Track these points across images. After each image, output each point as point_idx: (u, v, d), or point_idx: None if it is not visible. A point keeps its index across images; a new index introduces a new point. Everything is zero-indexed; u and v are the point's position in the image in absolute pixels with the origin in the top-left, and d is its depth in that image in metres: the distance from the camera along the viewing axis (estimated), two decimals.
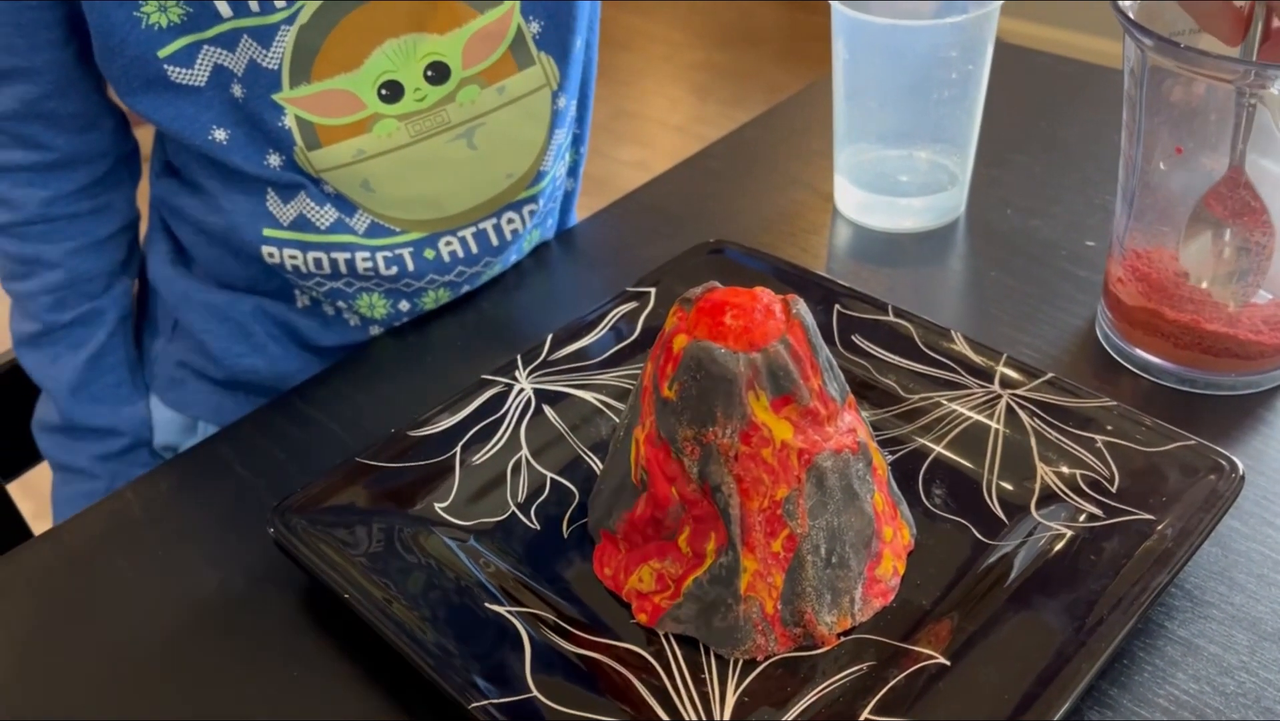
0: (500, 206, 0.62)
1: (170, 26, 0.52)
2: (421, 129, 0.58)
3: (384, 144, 0.58)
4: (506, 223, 0.62)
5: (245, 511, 0.48)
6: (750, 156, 0.72)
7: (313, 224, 0.59)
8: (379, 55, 0.56)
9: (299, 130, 0.56)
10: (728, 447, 0.38)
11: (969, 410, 0.49)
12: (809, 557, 0.39)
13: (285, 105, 0.56)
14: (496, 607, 0.41)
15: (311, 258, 0.60)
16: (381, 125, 0.57)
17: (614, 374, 0.52)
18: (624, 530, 0.42)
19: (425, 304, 0.63)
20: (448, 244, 0.61)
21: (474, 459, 0.48)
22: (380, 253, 0.60)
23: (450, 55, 0.57)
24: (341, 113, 0.56)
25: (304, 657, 0.42)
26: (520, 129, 0.60)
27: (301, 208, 0.59)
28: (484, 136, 0.59)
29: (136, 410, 0.66)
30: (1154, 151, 0.50)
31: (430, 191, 0.60)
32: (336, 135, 0.57)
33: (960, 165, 0.64)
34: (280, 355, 0.65)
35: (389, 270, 0.61)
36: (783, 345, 0.38)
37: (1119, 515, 0.43)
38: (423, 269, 0.61)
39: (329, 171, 0.58)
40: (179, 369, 0.68)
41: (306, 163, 0.57)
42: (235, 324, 0.64)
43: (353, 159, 0.57)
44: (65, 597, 0.46)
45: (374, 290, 0.61)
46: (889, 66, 0.60)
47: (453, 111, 0.58)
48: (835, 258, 0.63)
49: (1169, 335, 0.51)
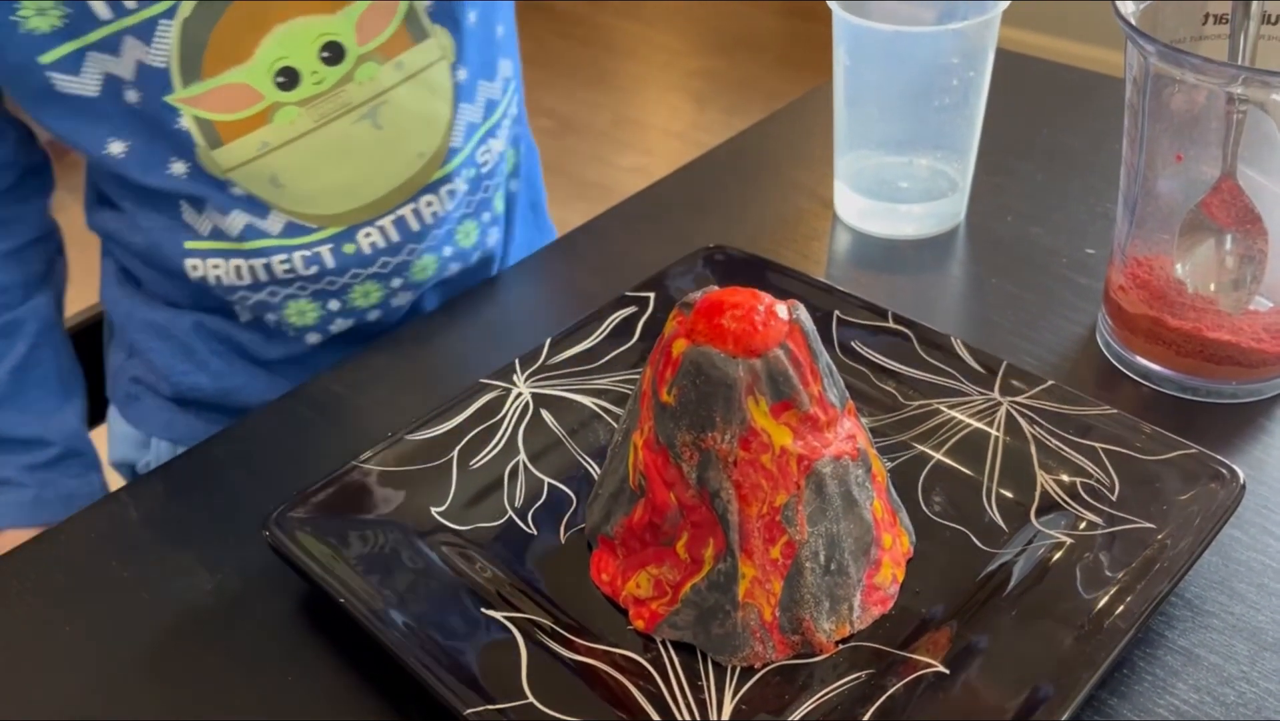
0: (416, 190, 0.61)
1: (53, 31, 0.52)
2: (323, 112, 0.57)
3: (287, 133, 0.57)
4: (425, 205, 0.61)
5: (241, 515, 0.48)
6: (751, 162, 0.72)
7: (225, 233, 0.58)
8: (270, 42, 0.55)
9: (199, 130, 0.55)
10: (726, 453, 0.38)
11: (968, 417, 0.48)
12: (808, 564, 0.39)
13: (181, 106, 0.55)
14: (492, 613, 0.41)
15: (233, 266, 0.59)
16: (282, 114, 0.56)
17: (613, 378, 0.52)
18: (621, 535, 0.42)
19: (355, 300, 0.62)
20: (367, 235, 0.60)
21: (471, 463, 0.48)
22: (298, 252, 0.59)
23: (343, 33, 0.56)
24: (239, 107, 0.55)
25: (299, 662, 0.42)
26: (423, 104, 0.59)
27: (213, 220, 0.58)
28: (388, 115, 0.58)
29: (66, 420, 0.65)
30: (1155, 159, 0.50)
31: (342, 179, 0.59)
32: (237, 130, 0.56)
33: (961, 172, 0.63)
34: (224, 371, 0.65)
35: (308, 270, 0.60)
36: (783, 351, 0.38)
37: (1119, 523, 0.42)
38: (344, 264, 0.60)
39: (235, 170, 0.57)
40: (133, 384, 0.67)
41: (211, 163, 0.56)
42: (178, 341, 0.64)
43: (258, 153, 0.56)
44: (60, 600, 0.46)
45: (299, 295, 0.61)
46: (890, 73, 0.59)
47: (353, 91, 0.57)
48: (835, 264, 0.63)
49: (1170, 343, 0.51)
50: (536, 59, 2.86)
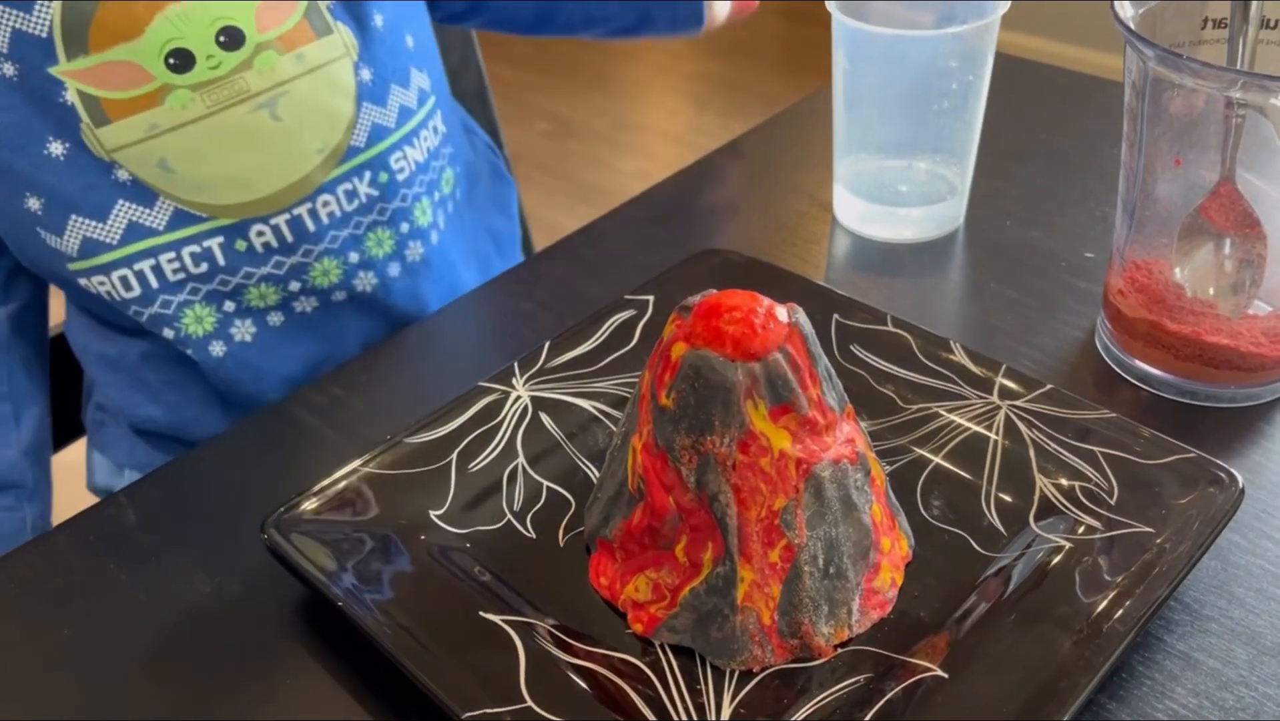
0: (313, 189, 0.59)
1: None
2: (218, 99, 0.55)
3: (179, 117, 0.55)
4: (322, 206, 0.59)
5: (240, 517, 0.48)
6: (750, 166, 0.72)
7: (102, 242, 0.56)
8: (162, 22, 0.53)
9: (83, 105, 0.53)
10: (725, 457, 0.38)
11: (968, 421, 0.48)
12: (806, 568, 0.39)
13: (64, 79, 0.53)
14: (491, 616, 0.41)
15: (117, 277, 0.57)
16: (174, 96, 0.54)
17: (612, 381, 0.52)
18: (620, 539, 0.42)
19: (251, 301, 0.60)
20: (260, 233, 0.58)
21: (470, 466, 0.48)
22: (186, 247, 0.57)
23: (243, 20, 0.55)
24: (127, 85, 0.53)
25: (298, 665, 0.42)
26: (325, 99, 0.58)
27: (84, 230, 0.56)
28: (287, 107, 0.57)
29: (6, 454, 0.61)
30: (1154, 163, 0.50)
31: (236, 169, 0.57)
32: (125, 109, 0.54)
33: (960, 176, 0.64)
34: (177, 403, 0.63)
35: (198, 267, 0.58)
36: (782, 354, 0.38)
37: (1118, 527, 0.42)
38: (235, 262, 0.58)
39: (121, 151, 0.55)
40: (98, 411, 0.67)
41: (95, 142, 0.54)
42: (129, 374, 0.62)
43: (146, 134, 0.54)
44: (58, 602, 0.45)
45: (193, 300, 0.58)
46: (889, 76, 0.59)
47: (251, 79, 0.55)
48: (834, 267, 0.63)
49: (1169, 347, 0.51)
50: (536, 62, 2.86)
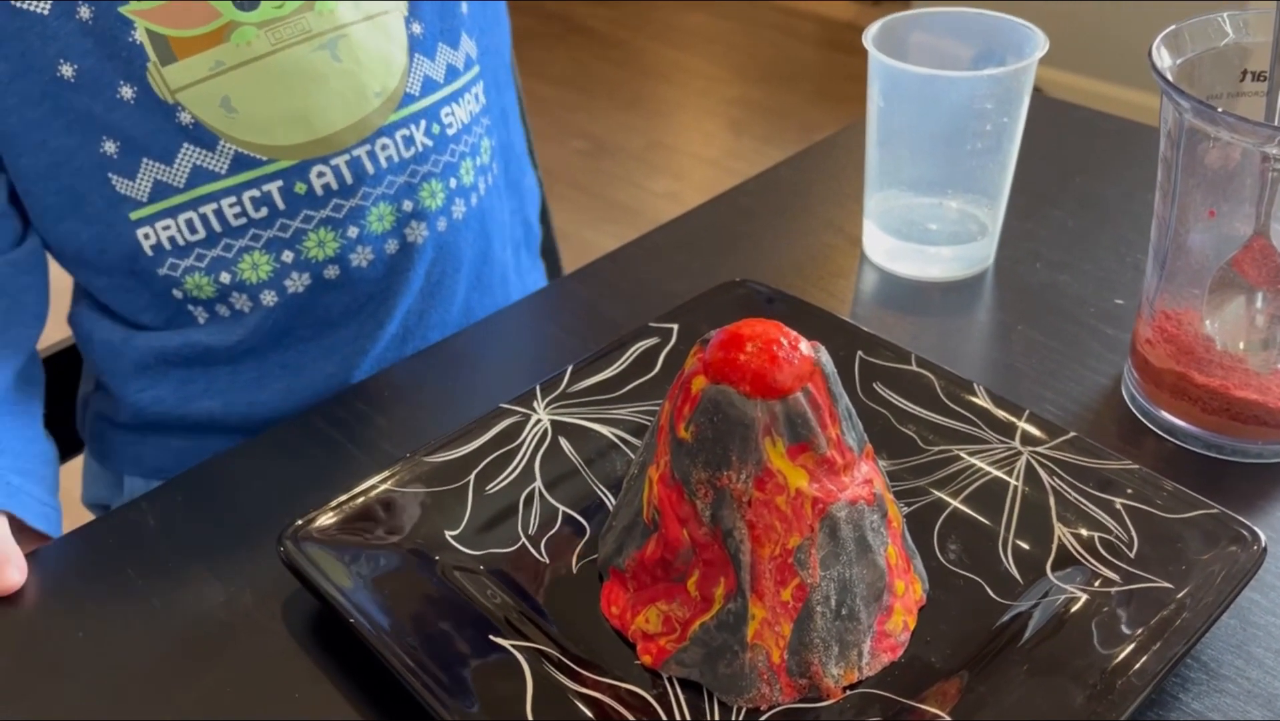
0: (372, 131, 0.60)
1: None
2: (281, 37, 0.56)
3: (243, 54, 0.56)
4: (380, 149, 0.60)
5: (257, 528, 0.48)
6: (782, 196, 0.72)
7: (170, 185, 0.57)
8: None
9: (151, 44, 0.55)
10: (741, 493, 0.38)
11: (988, 465, 0.48)
12: (818, 608, 0.39)
13: (134, 18, 0.54)
14: (501, 641, 0.41)
15: (183, 220, 0.58)
16: (239, 33, 0.56)
17: (632, 409, 0.52)
18: (633, 569, 0.42)
19: (310, 250, 0.61)
20: (320, 174, 0.59)
21: (487, 488, 0.48)
22: (247, 191, 0.58)
23: None
24: (195, 23, 0.55)
25: (306, 678, 0.42)
26: (380, 45, 0.59)
27: (154, 174, 0.57)
28: (346, 49, 0.58)
29: None
30: (1187, 213, 0.49)
31: (297, 107, 0.58)
32: (192, 47, 0.55)
33: (991, 216, 0.63)
34: (185, 378, 0.63)
35: (258, 212, 0.59)
36: (803, 394, 0.38)
37: (1136, 581, 0.42)
38: (295, 205, 0.59)
39: (185, 90, 0.56)
40: (98, 420, 0.67)
41: (160, 82, 0.55)
42: (133, 359, 0.63)
43: (210, 72, 0.56)
44: (74, 605, 0.46)
45: (252, 247, 0.60)
46: (923, 115, 0.59)
47: (312, 20, 0.57)
48: (861, 303, 0.63)
49: (1196, 399, 0.50)
50: (575, 80, 2.87)
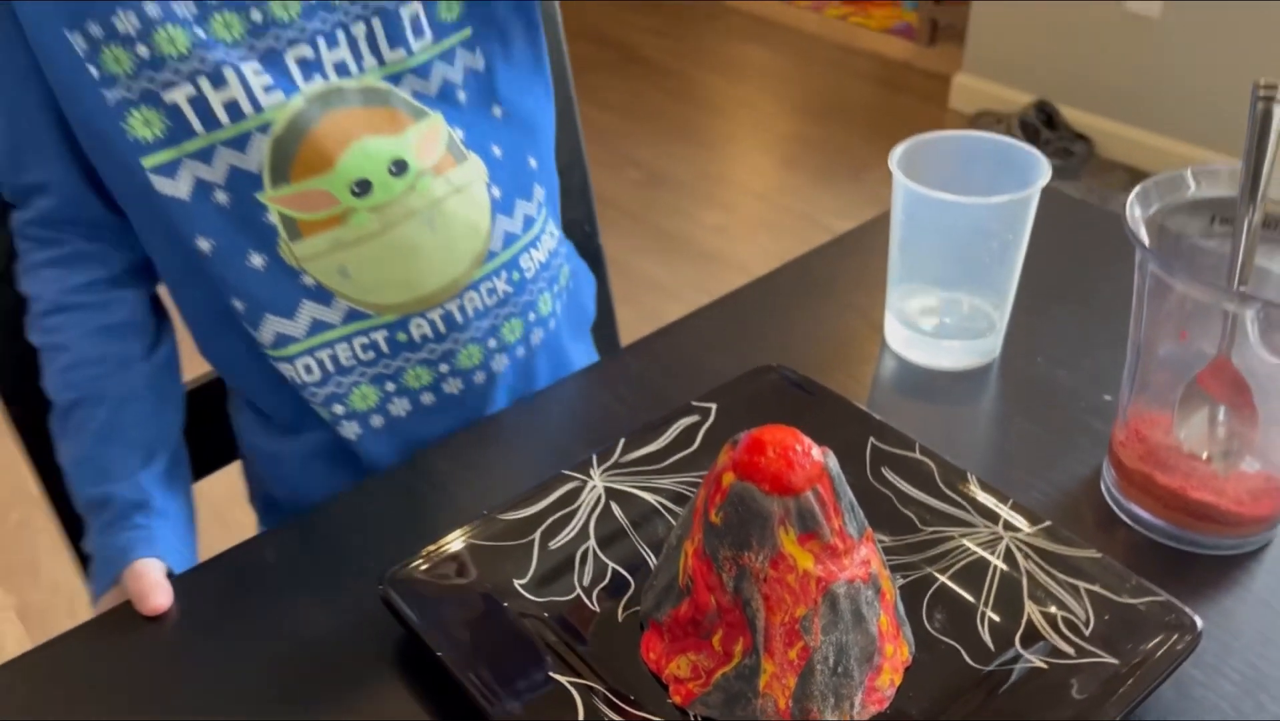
0: (462, 288, 0.70)
1: (155, 140, 0.62)
2: (389, 218, 0.67)
3: (358, 233, 0.66)
4: (469, 301, 0.71)
5: (356, 568, 0.58)
6: (814, 283, 0.81)
7: (290, 336, 0.68)
8: (349, 157, 0.65)
9: (282, 224, 0.65)
10: (759, 570, 0.47)
11: (975, 546, 0.56)
12: (819, 666, 0.48)
13: (269, 204, 0.65)
14: (557, 676, 0.50)
15: (301, 365, 0.69)
16: (356, 218, 0.66)
17: (674, 479, 0.61)
18: (669, 623, 0.51)
19: (409, 382, 0.72)
20: (418, 326, 0.70)
21: (550, 544, 0.57)
22: (357, 339, 0.69)
23: (408, 152, 0.67)
24: (319, 208, 0.65)
25: (394, 703, 0.52)
26: (469, 213, 0.70)
27: (277, 326, 0.67)
28: (441, 221, 0.68)
29: (138, 480, 0.66)
30: (1157, 337, 0.57)
31: (401, 274, 0.68)
32: (316, 228, 0.66)
33: (999, 313, 0.72)
34: (316, 484, 0.75)
35: (366, 355, 0.70)
36: (812, 493, 0.47)
37: (1088, 656, 0.50)
38: (397, 350, 0.70)
39: (310, 260, 0.67)
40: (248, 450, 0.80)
41: (289, 254, 0.66)
42: (279, 463, 0.75)
43: (330, 247, 0.66)
44: (205, 625, 0.56)
45: (361, 381, 0.71)
46: (939, 229, 0.68)
47: (414, 200, 0.67)
48: (879, 387, 0.71)
49: (1159, 497, 0.58)
50: (631, 110, 2.97)
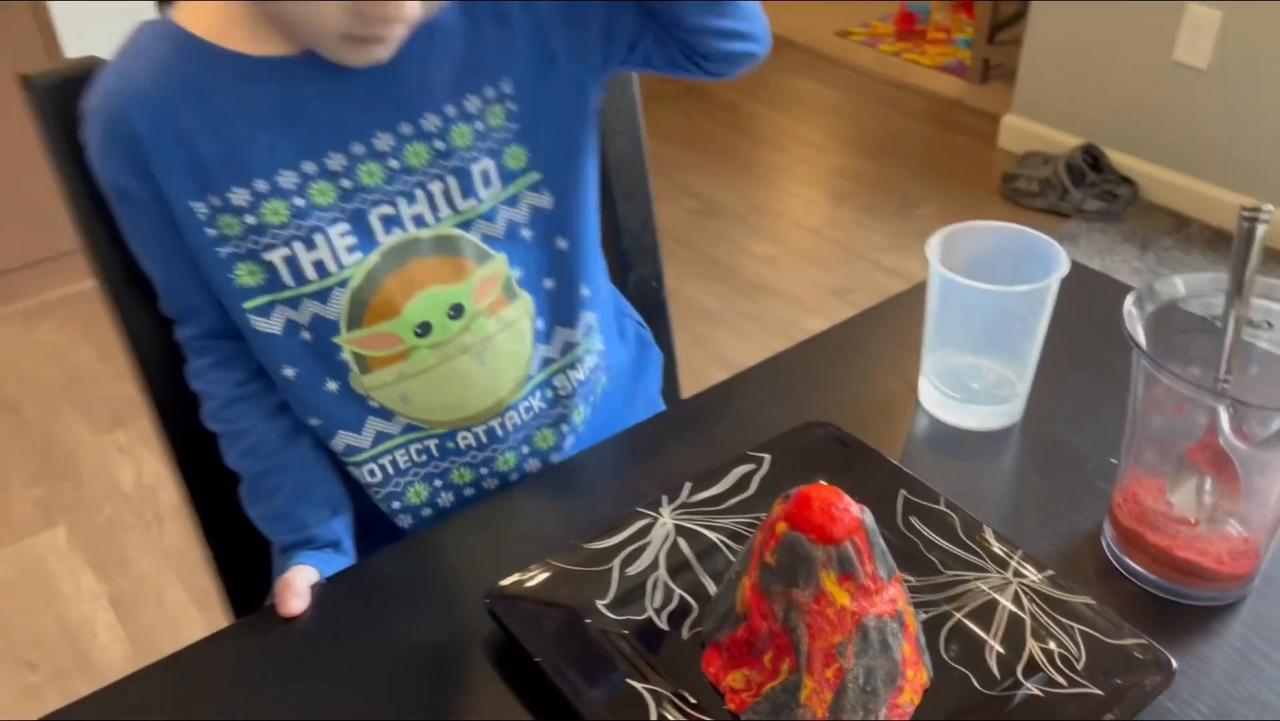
0: (503, 408, 0.82)
1: (255, 287, 0.73)
2: (446, 353, 0.77)
3: (418, 367, 0.77)
4: (508, 418, 0.83)
5: (459, 586, 0.69)
6: (858, 344, 0.91)
7: (359, 447, 0.80)
8: (413, 305, 0.75)
9: (354, 361, 0.77)
10: (804, 604, 0.57)
11: (987, 589, 0.66)
12: (850, 685, 0.58)
13: (343, 345, 0.76)
14: (634, 683, 0.61)
15: (366, 470, 0.82)
16: (417, 354, 0.77)
17: (733, 520, 0.72)
18: (727, 643, 0.61)
19: (453, 479, 0.84)
20: (464, 438, 0.82)
21: (627, 571, 0.68)
22: (413, 446, 0.82)
23: (465, 297, 0.77)
24: (386, 347, 0.77)
25: (496, 703, 0.63)
26: (513, 346, 0.81)
27: (346, 440, 0.80)
28: (490, 354, 0.80)
29: (333, 527, 0.79)
30: (1150, 416, 0.67)
31: (453, 399, 0.80)
32: (382, 363, 0.77)
33: (1021, 380, 0.81)
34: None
35: (420, 459, 0.82)
36: (850, 544, 0.57)
37: (1078, 687, 0.60)
38: (445, 456, 0.83)
39: (376, 390, 0.78)
40: None
41: (359, 384, 0.78)
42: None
43: (394, 379, 0.78)
44: (335, 628, 0.67)
45: (414, 480, 0.83)
46: (969, 308, 0.78)
47: (468, 338, 0.78)
48: (912, 443, 0.81)
49: (1149, 553, 0.68)
50: (688, 140, 3.07)
